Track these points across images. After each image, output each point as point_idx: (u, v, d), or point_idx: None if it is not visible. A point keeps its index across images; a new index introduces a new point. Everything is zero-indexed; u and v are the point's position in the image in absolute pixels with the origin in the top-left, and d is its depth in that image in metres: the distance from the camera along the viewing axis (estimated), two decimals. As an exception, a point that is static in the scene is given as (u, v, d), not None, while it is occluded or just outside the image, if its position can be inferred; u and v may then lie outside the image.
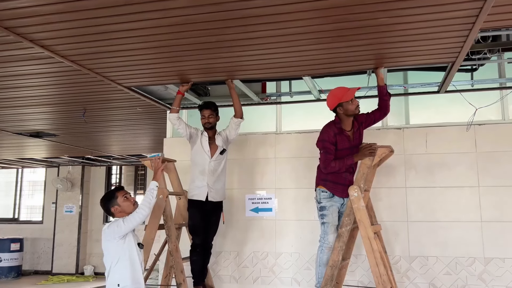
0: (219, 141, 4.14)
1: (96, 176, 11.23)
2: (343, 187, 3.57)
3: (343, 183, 3.58)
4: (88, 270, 10.56)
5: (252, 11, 2.67)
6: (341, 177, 3.59)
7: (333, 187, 3.59)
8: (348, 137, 3.58)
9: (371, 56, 3.50)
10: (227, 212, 4.64)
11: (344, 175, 3.59)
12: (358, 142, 3.63)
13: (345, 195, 3.57)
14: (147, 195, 3.23)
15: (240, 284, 4.68)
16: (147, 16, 2.74)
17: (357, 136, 3.63)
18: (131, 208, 3.15)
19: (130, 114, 5.64)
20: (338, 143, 3.54)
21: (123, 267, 3.04)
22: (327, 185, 3.60)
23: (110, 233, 3.05)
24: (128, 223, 3.04)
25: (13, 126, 6.14)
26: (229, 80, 4.07)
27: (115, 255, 3.05)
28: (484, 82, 4.28)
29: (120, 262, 3.04)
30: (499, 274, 4.10)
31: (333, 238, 3.54)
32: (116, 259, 3.05)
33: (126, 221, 3.04)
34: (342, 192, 3.58)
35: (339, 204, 3.63)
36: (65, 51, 3.32)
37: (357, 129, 3.64)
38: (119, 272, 3.04)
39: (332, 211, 3.58)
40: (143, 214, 3.10)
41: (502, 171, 4.22)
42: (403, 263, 4.30)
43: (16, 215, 11.77)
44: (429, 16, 2.75)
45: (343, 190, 3.56)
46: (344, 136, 3.57)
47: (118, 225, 3.04)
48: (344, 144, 3.56)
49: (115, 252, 3.06)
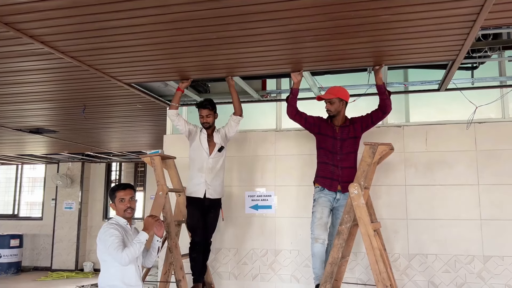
0: (217, 138, 4.14)
1: (96, 173, 11.24)
2: (330, 181, 3.72)
3: (330, 177, 3.73)
4: (88, 266, 10.57)
5: (252, 7, 2.67)
6: (328, 171, 3.74)
7: (323, 182, 3.75)
8: (332, 127, 3.79)
9: (372, 53, 3.50)
10: (227, 209, 4.65)
11: (332, 169, 3.73)
12: (346, 137, 3.77)
13: (333, 189, 3.70)
14: (134, 245, 3.01)
15: (239, 281, 4.68)
16: (147, 12, 2.73)
17: (345, 131, 3.78)
18: (121, 213, 3.14)
19: (130, 111, 5.64)
20: (322, 128, 3.82)
21: (112, 268, 3.02)
22: (318, 181, 3.79)
23: (102, 239, 3.02)
24: (110, 250, 2.96)
25: (13, 122, 6.14)
26: (229, 77, 4.07)
27: (105, 256, 3.03)
28: (484, 80, 4.27)
29: (110, 262, 3.02)
30: (498, 272, 4.11)
31: (318, 230, 3.61)
32: (105, 259, 3.04)
33: (110, 248, 2.96)
34: (330, 186, 3.71)
35: (331, 198, 3.72)
36: (65, 47, 3.31)
37: (346, 126, 3.79)
38: (109, 272, 3.03)
39: (320, 202, 3.70)
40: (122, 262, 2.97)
41: (502, 169, 4.22)
42: (402, 260, 4.31)
43: (15, 211, 11.77)
44: (430, 13, 2.75)
45: (331, 184, 3.71)
46: (329, 125, 3.81)
47: (106, 241, 2.97)
48: (328, 132, 3.79)
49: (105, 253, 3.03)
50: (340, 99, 3.74)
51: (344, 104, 3.78)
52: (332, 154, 3.76)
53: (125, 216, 3.16)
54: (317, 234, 3.63)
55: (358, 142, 3.82)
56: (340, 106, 3.76)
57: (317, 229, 3.64)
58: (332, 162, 3.75)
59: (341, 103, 3.76)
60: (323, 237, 3.64)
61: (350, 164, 3.74)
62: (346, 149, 3.74)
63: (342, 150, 3.74)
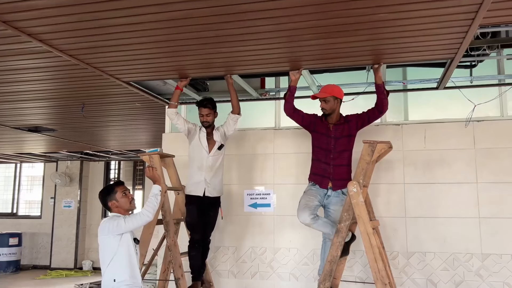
0: (217, 136, 4.14)
1: (95, 171, 11.24)
2: (321, 178, 3.77)
3: (321, 174, 3.77)
4: (87, 265, 10.57)
5: (251, 5, 2.66)
6: (320, 169, 3.79)
7: (314, 178, 3.82)
8: (327, 126, 3.80)
9: (370, 51, 3.50)
10: (226, 208, 4.65)
11: (323, 167, 3.77)
12: (340, 135, 3.77)
13: (324, 186, 3.75)
14: (151, 201, 3.15)
15: (239, 279, 4.69)
16: (146, 10, 2.73)
17: (339, 129, 3.78)
18: (128, 205, 3.17)
19: (128, 109, 5.63)
20: (317, 126, 3.84)
21: (120, 262, 3.05)
22: (310, 177, 3.87)
23: (109, 228, 3.04)
24: (129, 223, 3.03)
25: (11, 120, 6.13)
26: (227, 75, 4.07)
27: (111, 250, 3.05)
28: (483, 78, 4.28)
29: (116, 257, 3.04)
30: (496, 270, 4.12)
31: (302, 215, 3.63)
32: (113, 254, 3.05)
33: (128, 221, 3.03)
34: (321, 183, 3.76)
35: (322, 193, 3.76)
36: (63, 45, 3.30)
37: (341, 124, 3.79)
38: (116, 267, 3.05)
39: (308, 193, 3.77)
40: (145, 219, 3.08)
41: (500, 167, 4.23)
42: (401, 258, 4.32)
43: (14, 209, 11.76)
44: (428, 11, 2.75)
45: (322, 181, 3.75)
46: (323, 123, 3.82)
47: (119, 223, 3.03)
48: (322, 130, 3.81)
49: (111, 247, 3.05)
50: (334, 97, 3.74)
51: (338, 102, 3.78)
52: (325, 152, 3.77)
53: (131, 208, 3.19)
54: (303, 219, 3.64)
55: (352, 140, 3.82)
56: (335, 104, 3.75)
57: (301, 216, 3.64)
58: (324, 159, 3.76)
59: (336, 101, 3.75)
60: (310, 217, 3.61)
61: (343, 162, 3.74)
62: (339, 147, 3.74)
63: (336, 148, 3.74)
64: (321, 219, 3.70)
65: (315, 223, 3.66)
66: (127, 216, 3.09)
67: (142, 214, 3.08)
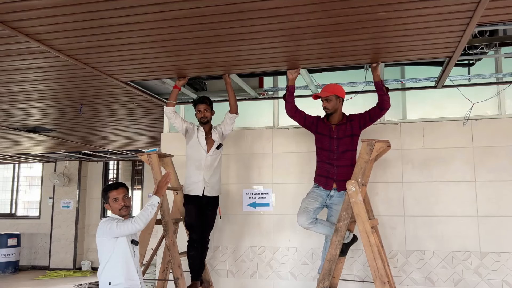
0: (215, 136, 4.13)
1: (93, 171, 11.22)
2: (326, 179, 3.75)
3: (326, 176, 3.76)
4: (86, 265, 10.56)
5: (250, 5, 2.66)
6: (324, 170, 3.78)
7: (318, 179, 3.81)
8: (329, 126, 3.80)
9: (369, 50, 3.50)
10: (224, 207, 4.65)
11: (327, 168, 3.76)
12: (342, 135, 3.77)
13: (328, 187, 3.74)
14: (146, 210, 3.12)
15: (238, 278, 4.69)
16: (145, 10, 2.72)
17: (342, 129, 3.77)
18: (117, 212, 3.17)
19: (127, 109, 5.62)
20: (319, 127, 3.84)
21: (115, 264, 3.04)
22: (316, 179, 3.85)
23: (103, 231, 3.06)
24: (120, 229, 3.03)
25: (9, 121, 6.11)
26: (226, 75, 4.06)
27: (107, 253, 3.06)
28: (481, 77, 4.28)
29: (112, 259, 3.03)
30: (495, 268, 4.13)
31: (300, 220, 3.66)
32: (108, 257, 3.05)
33: (119, 227, 3.03)
34: (325, 184, 3.75)
35: (324, 194, 3.76)
36: (61, 45, 3.30)
37: (343, 124, 3.78)
38: (111, 270, 3.04)
39: (310, 196, 3.77)
40: (136, 227, 3.06)
41: (498, 165, 4.24)
42: (399, 257, 4.32)
43: (13, 210, 11.75)
44: (427, 10, 2.75)
45: (327, 182, 3.74)
46: (326, 124, 3.82)
47: (111, 227, 3.03)
48: (324, 131, 3.81)
49: (107, 250, 3.06)
50: (336, 96, 3.74)
51: (340, 101, 3.78)
52: (328, 153, 3.76)
53: (121, 214, 3.18)
54: (301, 223, 3.68)
55: (356, 140, 3.80)
56: (337, 103, 3.75)
57: (300, 219, 3.68)
58: (328, 160, 3.76)
59: (338, 100, 3.75)
60: (308, 221, 3.66)
61: (346, 163, 3.73)
62: (342, 148, 3.73)
63: (339, 149, 3.73)
64: (320, 222, 3.71)
65: (314, 227, 3.69)
66: (120, 222, 3.07)
67: (134, 222, 3.05)
